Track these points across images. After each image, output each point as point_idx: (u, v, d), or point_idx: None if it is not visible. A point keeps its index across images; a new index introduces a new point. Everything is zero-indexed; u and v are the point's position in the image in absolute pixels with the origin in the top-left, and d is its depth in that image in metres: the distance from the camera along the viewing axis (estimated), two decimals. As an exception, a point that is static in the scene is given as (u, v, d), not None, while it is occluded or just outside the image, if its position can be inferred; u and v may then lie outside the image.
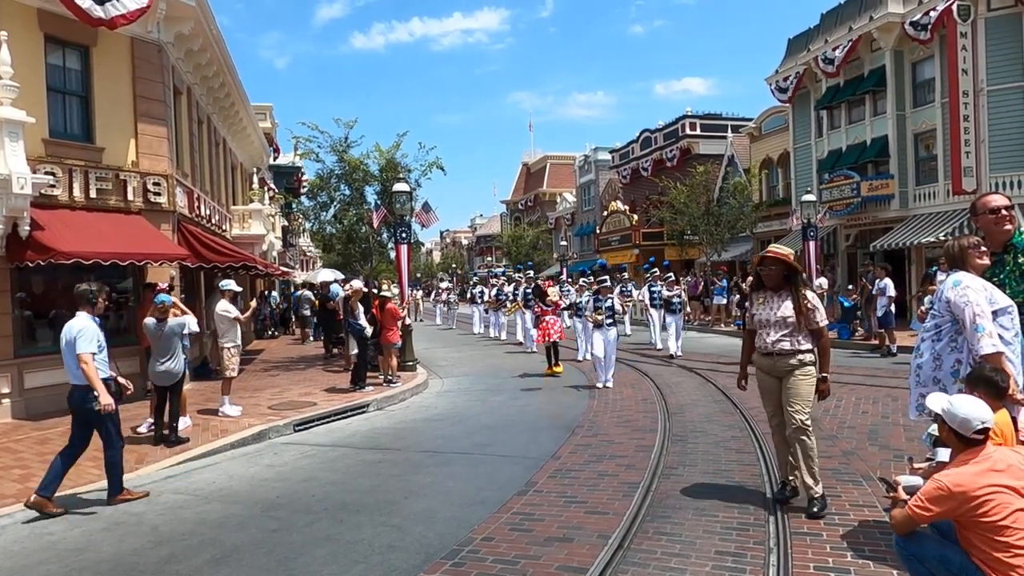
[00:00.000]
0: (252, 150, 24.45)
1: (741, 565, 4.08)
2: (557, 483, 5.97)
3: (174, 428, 8.03)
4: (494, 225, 73.89)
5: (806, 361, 4.85)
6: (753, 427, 7.59)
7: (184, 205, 12.86)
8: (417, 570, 4.26)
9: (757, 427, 7.48)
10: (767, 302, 4.98)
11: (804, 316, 4.80)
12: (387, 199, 14.63)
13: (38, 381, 10.12)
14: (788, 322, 4.82)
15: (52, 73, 10.61)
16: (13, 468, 7.14)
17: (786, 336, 4.85)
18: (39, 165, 9.82)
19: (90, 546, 5.01)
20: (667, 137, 36.37)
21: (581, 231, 48.03)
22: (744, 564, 4.09)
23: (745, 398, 8.88)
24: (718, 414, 8.64)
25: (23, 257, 9.41)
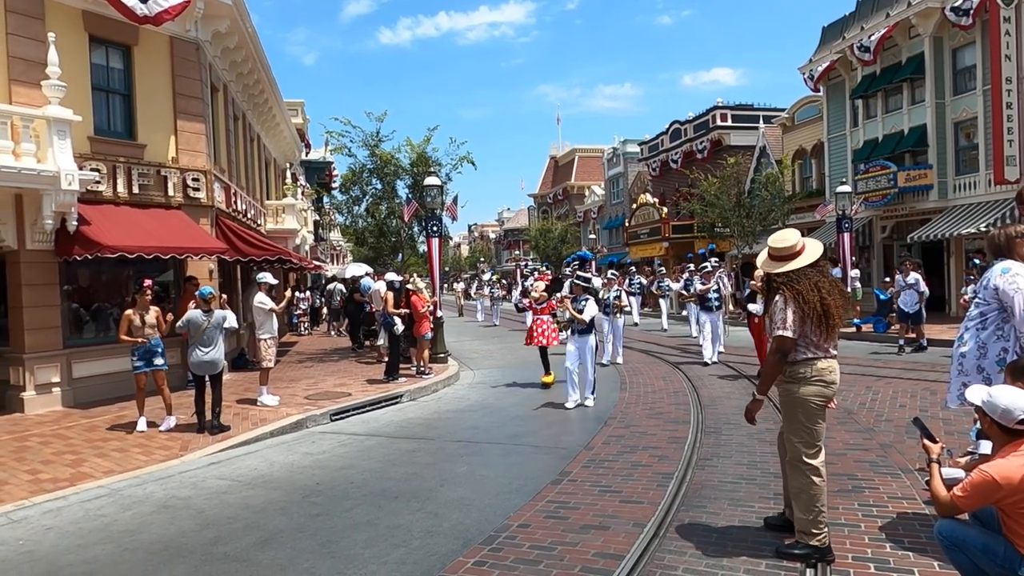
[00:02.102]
0: (285, 146, 24.84)
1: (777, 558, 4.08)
2: (591, 473, 6.02)
3: (217, 414, 8.30)
4: (521, 219, 73.86)
5: (795, 376, 3.95)
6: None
7: (221, 200, 13.16)
8: (456, 554, 4.35)
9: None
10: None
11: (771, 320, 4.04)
12: (418, 193, 14.77)
13: (85, 371, 10.50)
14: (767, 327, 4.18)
15: (96, 72, 10.94)
16: (65, 454, 7.43)
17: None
18: (85, 162, 10.15)
19: (141, 528, 5.21)
20: (697, 128, 35.93)
21: (610, 224, 47.78)
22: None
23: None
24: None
25: (71, 251, 9.75)
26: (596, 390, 9.31)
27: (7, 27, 9.71)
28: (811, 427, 3.92)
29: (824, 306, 3.84)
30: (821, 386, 3.91)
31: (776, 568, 3.93)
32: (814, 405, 3.92)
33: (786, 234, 4.12)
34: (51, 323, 10.16)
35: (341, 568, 4.27)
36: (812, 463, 3.92)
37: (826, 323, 3.85)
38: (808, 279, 3.90)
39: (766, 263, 4.12)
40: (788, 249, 4.04)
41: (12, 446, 7.84)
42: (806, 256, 4.01)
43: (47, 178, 9.14)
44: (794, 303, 3.85)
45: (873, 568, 3.88)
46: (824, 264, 4.08)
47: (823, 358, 3.92)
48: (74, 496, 6.01)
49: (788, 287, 3.91)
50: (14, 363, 9.96)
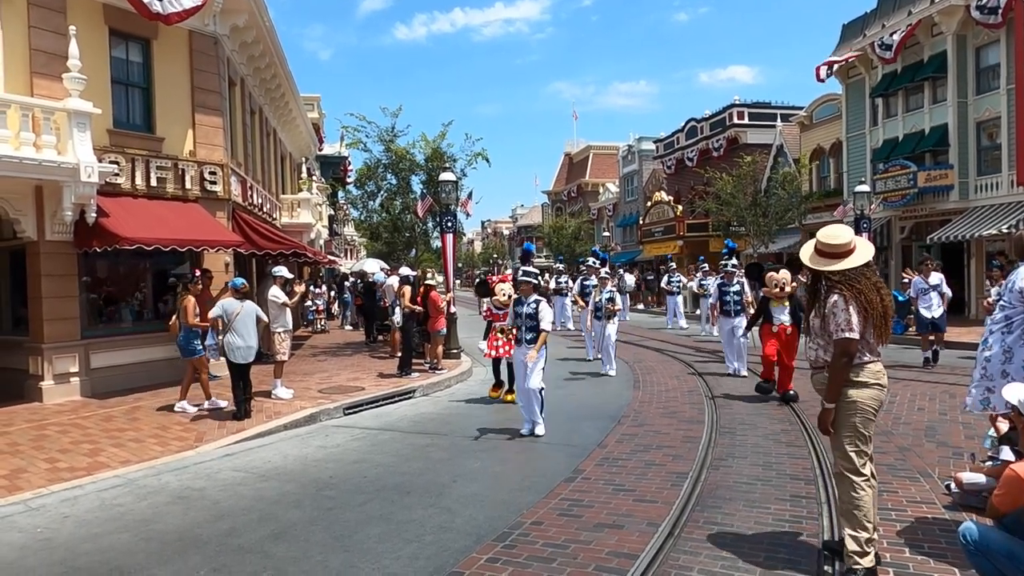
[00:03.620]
0: (300, 140, 24.94)
1: (795, 557, 4.04)
2: (604, 471, 5.99)
3: (248, 400, 8.59)
4: (535, 215, 73.80)
5: (851, 380, 3.74)
6: (804, 420, 7.47)
7: (238, 193, 13.23)
8: (469, 550, 4.34)
9: (808, 421, 7.35)
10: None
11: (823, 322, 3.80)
12: (433, 188, 14.78)
13: (102, 362, 10.62)
14: (815, 328, 3.93)
15: (116, 66, 11.04)
16: (83, 443, 7.51)
17: (816, 347, 3.92)
18: (104, 154, 10.24)
19: (157, 518, 5.25)
20: (713, 126, 35.69)
21: (624, 222, 47.59)
22: (798, 556, 4.05)
23: (797, 389, 8.74)
24: (767, 407, 8.51)
25: (90, 243, 9.85)
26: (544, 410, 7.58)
27: (29, 20, 9.81)
28: (866, 433, 3.70)
29: (885, 307, 3.69)
30: (877, 389, 3.72)
31: (793, 570, 3.88)
32: (871, 409, 3.70)
33: (839, 229, 3.86)
34: (69, 314, 10.27)
35: (354, 562, 4.27)
36: (865, 472, 3.69)
37: (885, 324, 3.70)
38: (867, 279, 3.70)
39: (813, 259, 3.84)
40: (842, 246, 3.77)
41: (31, 435, 7.93)
42: (859, 255, 3.77)
43: (67, 170, 9.23)
44: (856, 303, 3.63)
45: (893, 573, 3.81)
46: (873, 264, 3.87)
47: (878, 360, 3.76)
48: (91, 485, 6.07)
49: (848, 287, 3.67)
50: (33, 353, 10.08)
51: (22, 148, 8.90)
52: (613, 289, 11.89)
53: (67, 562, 4.45)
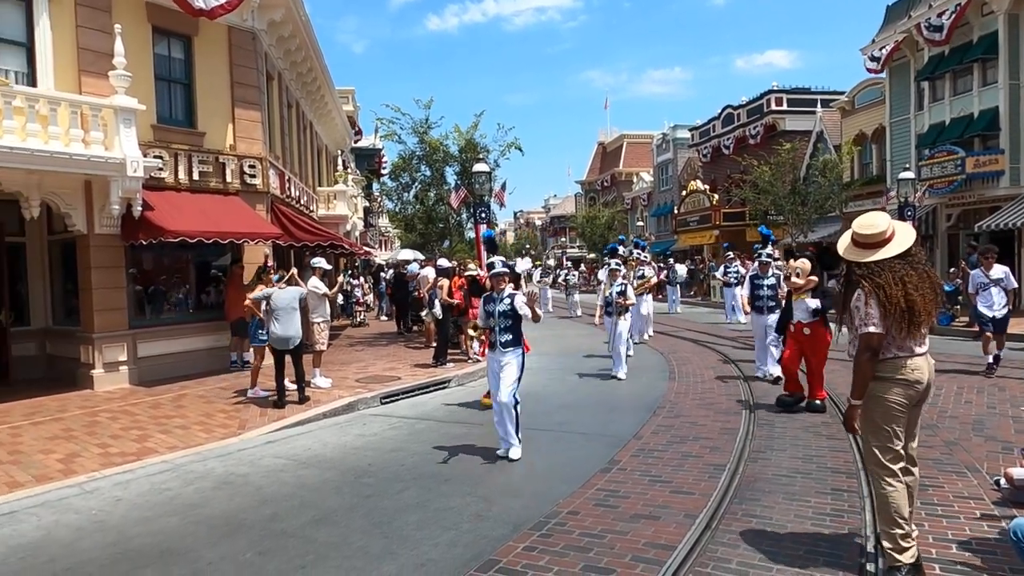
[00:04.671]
0: (336, 133, 25.23)
1: (837, 551, 3.98)
2: (640, 462, 5.97)
3: (301, 388, 8.84)
4: (568, 205, 73.41)
5: (875, 374, 3.65)
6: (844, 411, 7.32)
7: (276, 186, 13.47)
8: (506, 539, 4.39)
9: (849, 414, 7.21)
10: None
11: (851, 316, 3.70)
12: (466, 179, 14.83)
13: (149, 351, 10.97)
14: (847, 322, 3.83)
15: (159, 62, 11.32)
16: (132, 429, 7.78)
17: (848, 342, 3.84)
18: (149, 149, 10.52)
19: (203, 502, 5.42)
20: (751, 113, 34.99)
21: (658, 211, 47.06)
22: (840, 551, 3.99)
23: (836, 383, 8.57)
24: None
25: (136, 235, 10.15)
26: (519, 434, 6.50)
27: (77, 19, 10.12)
28: (888, 428, 3.59)
29: (909, 302, 3.49)
30: (903, 386, 3.58)
31: (834, 564, 3.83)
32: (894, 406, 3.58)
33: (874, 218, 3.70)
34: (118, 304, 10.62)
35: (393, 548, 4.36)
36: (891, 467, 3.60)
37: (910, 320, 3.51)
38: (892, 271, 3.55)
39: (849, 250, 3.75)
40: (876, 236, 3.63)
41: (84, 420, 8.25)
42: (895, 245, 3.62)
43: (114, 165, 9.51)
44: (875, 297, 3.53)
45: (939, 569, 3.74)
46: (917, 253, 3.66)
47: (908, 357, 3.59)
48: (141, 470, 6.29)
49: (868, 280, 3.57)
50: (84, 342, 10.46)
51: (72, 144, 9.20)
52: (624, 282, 10.83)
53: (120, 544, 4.63)
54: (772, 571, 3.77)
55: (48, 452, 6.87)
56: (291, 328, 8.70)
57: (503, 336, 6.35)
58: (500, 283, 6.43)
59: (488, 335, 6.52)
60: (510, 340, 6.34)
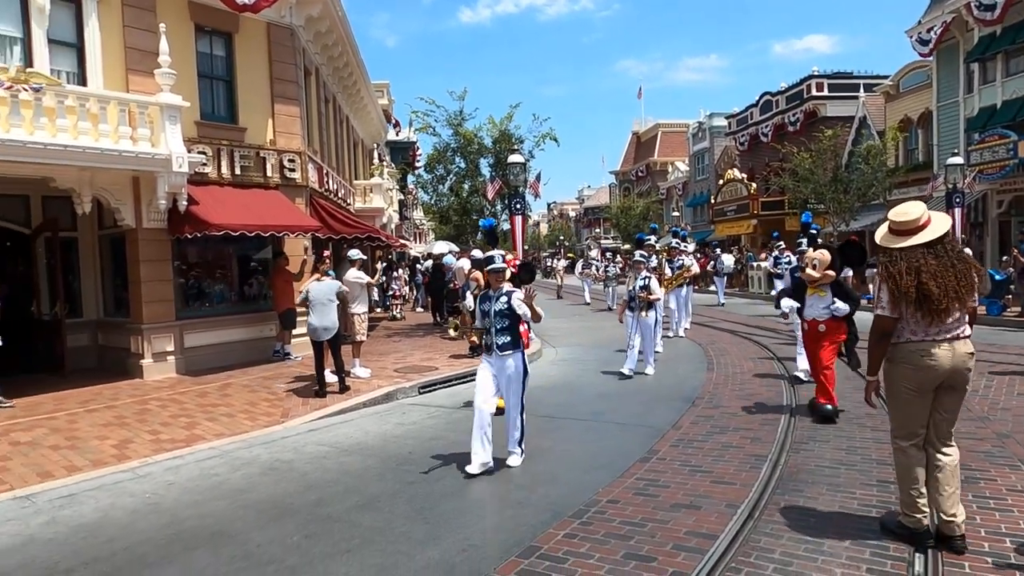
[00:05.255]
0: (371, 126, 25.49)
1: (883, 542, 3.92)
2: (680, 452, 5.94)
3: (343, 378, 9.04)
4: (602, 196, 72.95)
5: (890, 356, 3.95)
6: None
7: (315, 180, 13.69)
8: (546, 526, 4.42)
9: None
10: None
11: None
12: (501, 171, 14.87)
13: (195, 341, 11.29)
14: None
15: (201, 60, 11.59)
16: (180, 417, 8.03)
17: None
18: (193, 145, 10.80)
19: (250, 487, 5.59)
20: (790, 100, 34.20)
21: (694, 201, 46.42)
22: (887, 542, 3.93)
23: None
24: (848, 390, 8.18)
25: (182, 229, 10.44)
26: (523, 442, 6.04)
27: (124, 20, 10.42)
28: (902, 408, 3.90)
29: (924, 290, 3.62)
30: (910, 369, 3.79)
31: (881, 556, 3.77)
32: (904, 388, 3.84)
33: (909, 207, 3.91)
34: (165, 296, 10.95)
35: (436, 533, 4.43)
36: (900, 443, 3.94)
37: (924, 307, 3.66)
38: (908, 260, 3.72)
39: (885, 237, 3.95)
40: (910, 224, 3.83)
41: (135, 408, 8.55)
42: (927, 233, 3.79)
43: (160, 161, 9.79)
44: (886, 283, 3.78)
45: (991, 562, 3.65)
46: (949, 242, 3.81)
47: (921, 342, 3.76)
48: (190, 456, 6.51)
49: (884, 267, 3.84)
50: (134, 333, 10.83)
51: (120, 141, 9.49)
52: (649, 275, 10.03)
53: (174, 525, 4.80)
54: (817, 561, 3.73)
55: (103, 438, 7.15)
56: (327, 319, 8.85)
57: (500, 338, 5.74)
58: (498, 280, 5.87)
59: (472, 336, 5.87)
60: (508, 342, 5.73)
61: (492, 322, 5.75)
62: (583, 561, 3.88)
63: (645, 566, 3.78)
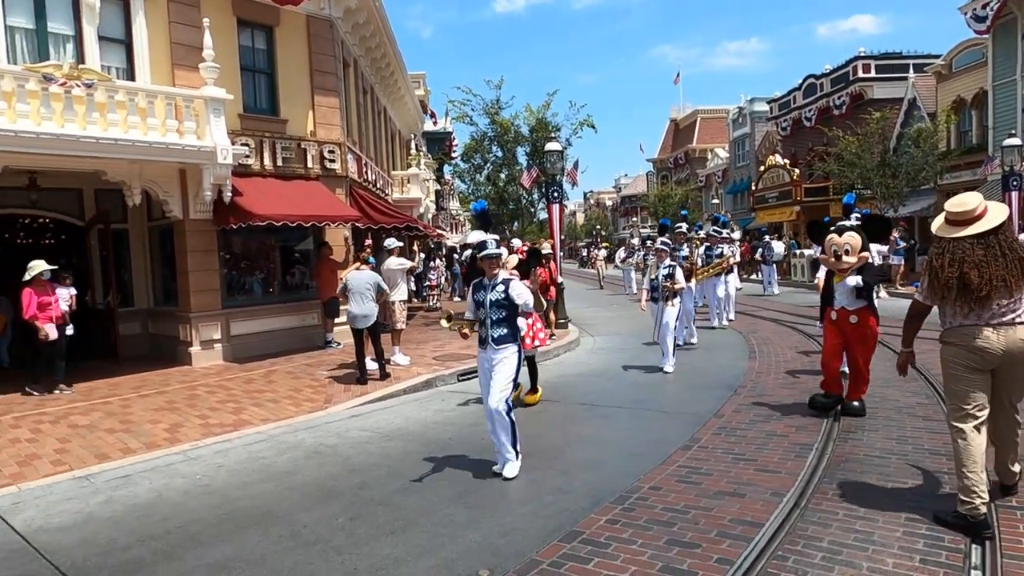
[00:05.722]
0: (408, 117, 25.63)
1: (938, 533, 3.80)
2: (722, 440, 5.86)
3: (383, 365, 9.18)
4: (639, 185, 72.13)
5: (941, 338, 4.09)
6: (942, 395, 6.92)
7: (354, 171, 13.85)
8: (587, 512, 4.41)
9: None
10: None
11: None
12: (538, 159, 14.81)
13: (240, 329, 11.58)
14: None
15: (244, 53, 11.80)
16: (228, 402, 8.26)
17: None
18: (236, 137, 11.01)
19: (296, 470, 5.71)
20: (835, 82, 33.19)
21: (734, 188, 45.53)
22: (941, 532, 3.81)
23: (930, 364, 8.11)
24: (898, 379, 7.90)
25: (227, 220, 10.69)
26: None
27: (169, 16, 10.66)
28: (956, 388, 3.97)
29: (964, 279, 3.77)
30: (962, 350, 3.93)
31: (936, 547, 3.66)
32: (955, 368, 3.97)
33: (966, 198, 4.01)
34: (212, 286, 11.24)
35: (477, 517, 4.47)
36: (956, 425, 3.95)
37: (965, 296, 3.81)
38: (953, 252, 3.85)
39: (941, 227, 4.04)
40: (966, 214, 3.93)
41: (185, 394, 8.82)
42: (983, 223, 3.88)
43: (206, 153, 10.03)
44: (927, 273, 4.00)
45: (1053, 555, 3.51)
46: (1004, 232, 3.89)
47: (974, 325, 3.89)
48: (238, 440, 6.68)
49: (931, 256, 4.02)
50: (183, 321, 11.15)
51: (168, 135, 9.74)
52: (672, 264, 9.40)
53: (224, 506, 4.95)
54: (868, 551, 3.64)
55: (155, 422, 7.40)
56: (365, 307, 8.97)
57: (496, 330, 5.25)
58: (492, 267, 5.36)
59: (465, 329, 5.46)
60: (504, 335, 5.25)
61: (487, 313, 5.29)
62: (625, 547, 3.86)
63: (689, 552, 3.75)
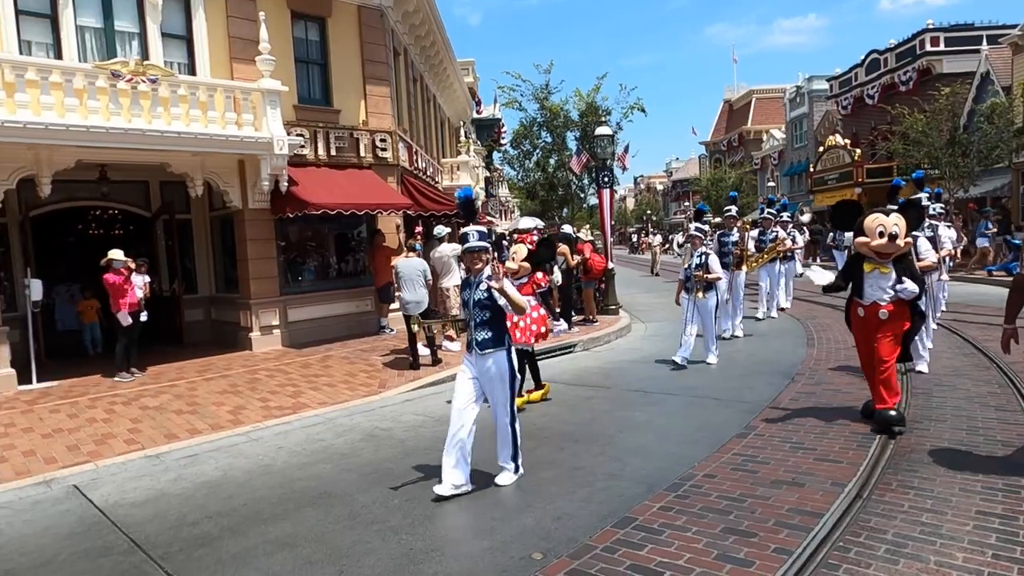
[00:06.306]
0: (457, 105, 25.70)
1: (1012, 528, 3.64)
2: (779, 428, 5.73)
3: (435, 351, 9.30)
4: (691, 168, 70.62)
5: None
6: (1017, 384, 6.59)
7: (405, 159, 14.00)
8: (641, 498, 4.39)
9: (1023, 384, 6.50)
10: None
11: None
12: (587, 144, 14.66)
13: (297, 316, 11.91)
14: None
15: (297, 45, 12.02)
16: (287, 386, 8.52)
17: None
18: (292, 128, 11.26)
19: (353, 453, 5.86)
20: (900, 57, 31.65)
21: (791, 171, 44.10)
22: (1016, 527, 3.64)
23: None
24: (968, 367, 7.63)
25: (283, 209, 10.98)
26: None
27: (227, 10, 10.95)
28: None
29: None
30: None
31: (1010, 542, 3.49)
32: None
33: None
34: (270, 273, 11.59)
35: (530, 501, 4.50)
36: None
37: None
38: None
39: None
40: None
41: (246, 378, 9.14)
42: None
43: (263, 144, 10.30)
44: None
45: None
46: None
47: None
48: (297, 422, 6.90)
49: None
50: (243, 308, 11.54)
51: (227, 127, 10.04)
52: (707, 252, 8.57)
53: (285, 485, 5.12)
54: (935, 544, 3.51)
55: (219, 404, 7.70)
56: (417, 294, 9.17)
57: (480, 333, 4.78)
58: (475, 262, 4.80)
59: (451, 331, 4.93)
60: (489, 339, 4.76)
61: (471, 314, 4.83)
62: (680, 534, 3.83)
63: (745, 541, 3.69)
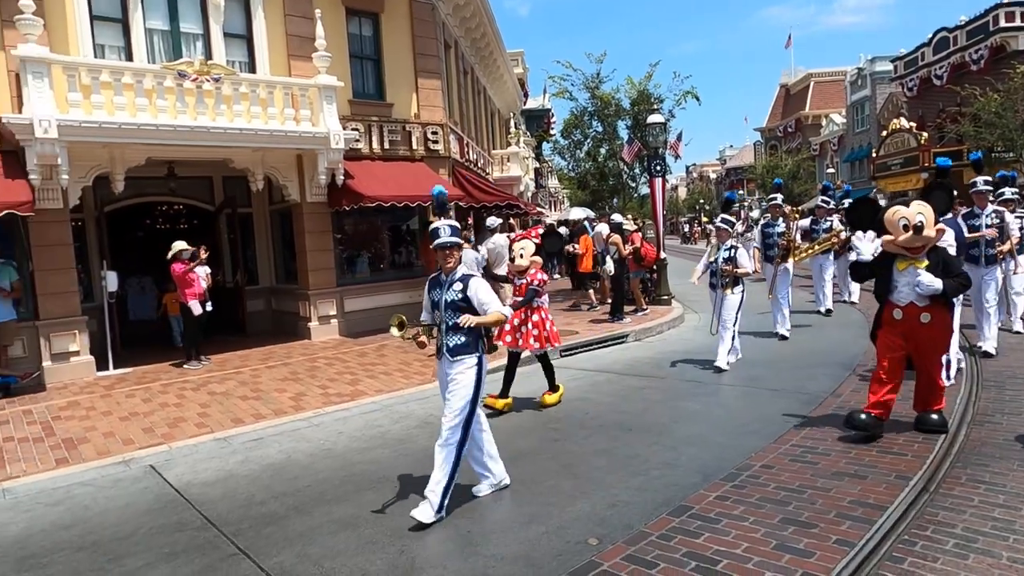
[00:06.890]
0: (507, 96, 25.75)
1: (1092, 525, 3.48)
2: (840, 420, 5.58)
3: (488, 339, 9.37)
4: (746, 156, 68.79)
5: None
6: (1100, 377, 6.26)
7: (456, 151, 14.13)
8: (697, 487, 4.37)
9: (1106, 377, 6.15)
10: None
11: None
12: (639, 132, 14.48)
13: (353, 306, 12.21)
14: None
15: (352, 41, 12.27)
16: (344, 374, 8.77)
17: None
18: (347, 123, 11.51)
19: (409, 439, 6.01)
20: (971, 34, 30.03)
21: (852, 156, 42.49)
22: (1097, 525, 3.48)
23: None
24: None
25: (340, 202, 11.25)
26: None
27: (284, 9, 11.26)
28: None
29: None
30: None
31: (1090, 540, 3.35)
32: None
33: None
34: (327, 265, 11.91)
35: (584, 488, 4.53)
36: None
37: None
38: None
39: None
40: None
41: (306, 366, 9.45)
42: None
43: (320, 139, 10.57)
44: None
45: None
46: None
47: None
48: (355, 408, 7.10)
49: None
50: (302, 298, 11.90)
51: (286, 123, 10.35)
52: (735, 244, 8.00)
53: (346, 468, 5.30)
54: (1008, 540, 3.39)
55: (281, 391, 7.99)
56: None
57: (451, 338, 4.30)
58: (447, 259, 4.37)
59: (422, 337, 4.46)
60: (460, 344, 4.28)
61: (442, 316, 4.36)
62: (737, 523, 3.80)
63: (805, 532, 3.64)
